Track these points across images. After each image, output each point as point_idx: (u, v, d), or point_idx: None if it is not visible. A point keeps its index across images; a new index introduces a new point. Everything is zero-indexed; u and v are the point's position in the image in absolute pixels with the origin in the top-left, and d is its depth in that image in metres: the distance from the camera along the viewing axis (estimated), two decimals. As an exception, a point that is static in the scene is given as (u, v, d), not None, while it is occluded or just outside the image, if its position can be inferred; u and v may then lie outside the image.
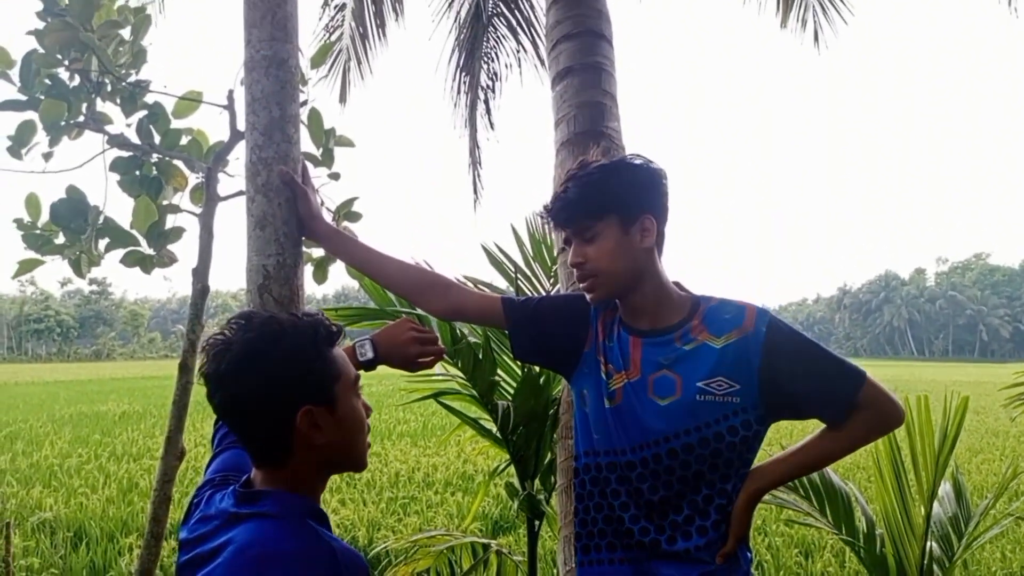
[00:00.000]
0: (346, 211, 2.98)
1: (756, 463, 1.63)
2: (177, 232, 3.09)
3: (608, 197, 1.56)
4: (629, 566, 1.59)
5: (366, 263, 1.88)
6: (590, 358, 1.69)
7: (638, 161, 1.61)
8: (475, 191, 7.19)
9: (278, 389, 1.14)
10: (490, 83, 7.14)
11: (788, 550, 6.12)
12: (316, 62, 3.39)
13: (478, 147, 7.16)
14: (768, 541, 6.34)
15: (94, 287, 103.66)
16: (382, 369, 1.71)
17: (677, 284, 1.68)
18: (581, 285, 1.63)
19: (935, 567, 2.70)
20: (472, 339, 3.18)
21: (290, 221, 1.68)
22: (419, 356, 1.66)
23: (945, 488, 3.00)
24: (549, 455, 3.24)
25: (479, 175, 7.20)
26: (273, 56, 1.69)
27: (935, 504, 2.92)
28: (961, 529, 2.83)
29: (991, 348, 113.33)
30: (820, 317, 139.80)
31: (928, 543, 2.70)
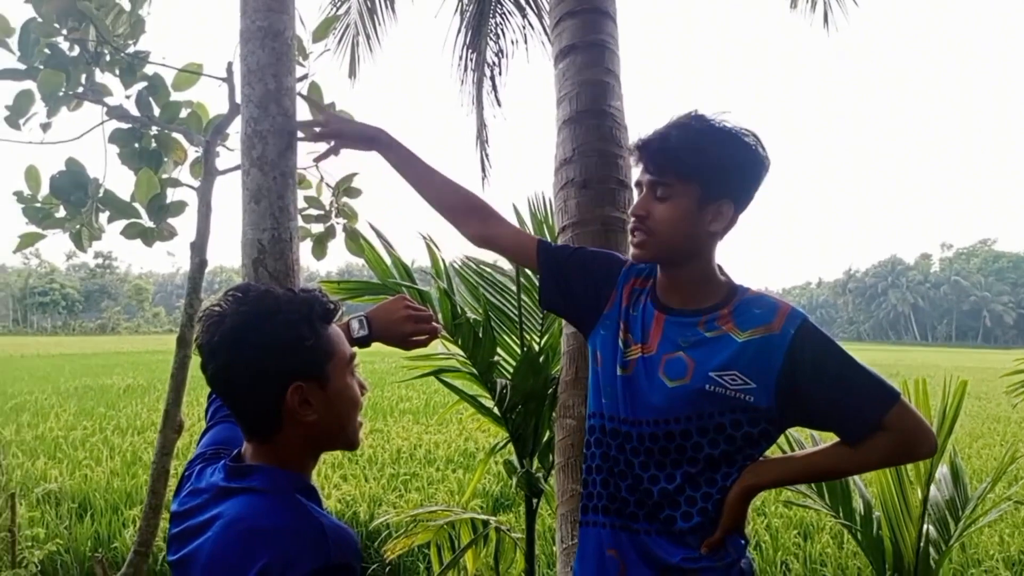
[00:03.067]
0: (346, 186, 2.96)
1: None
2: (179, 206, 3.08)
3: (703, 163, 1.46)
4: (623, 532, 1.57)
5: (413, 170, 1.86)
6: (609, 320, 1.65)
7: (748, 139, 1.49)
8: (483, 169, 7.16)
9: (269, 363, 1.13)
10: (496, 60, 7.09)
11: (787, 531, 6.15)
12: (318, 35, 3.35)
13: (485, 125, 7.11)
14: (767, 522, 6.37)
15: (99, 261, 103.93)
16: (384, 347, 1.70)
17: (719, 268, 1.62)
18: (633, 237, 1.55)
19: (931, 550, 2.70)
20: (472, 316, 3.17)
21: (285, 195, 1.66)
22: (414, 334, 1.64)
23: (943, 472, 3.00)
24: (548, 433, 3.24)
25: (487, 153, 7.16)
26: (269, 27, 1.67)
27: (933, 488, 2.92)
28: (958, 513, 2.84)
29: (994, 334, 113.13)
30: (823, 301, 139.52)
31: (925, 526, 2.71)
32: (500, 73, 7.04)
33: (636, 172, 1.57)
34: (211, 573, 1.08)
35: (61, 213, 3.08)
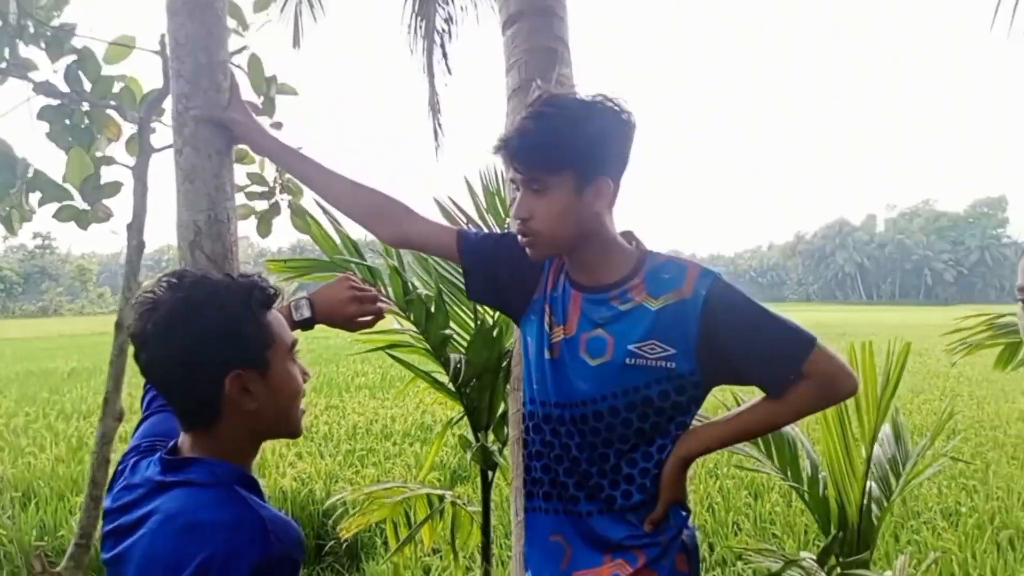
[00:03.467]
0: (289, 162, 2.90)
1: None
2: (114, 186, 2.97)
3: (570, 150, 1.42)
4: (565, 516, 1.56)
5: (312, 180, 1.77)
6: (537, 305, 1.63)
7: (609, 105, 1.44)
8: (435, 138, 7.05)
9: (206, 352, 1.10)
10: (446, 27, 6.95)
11: (738, 492, 6.32)
12: (259, 6, 3.25)
13: (436, 93, 6.98)
14: (720, 484, 6.53)
15: (37, 241, 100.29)
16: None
17: (628, 234, 1.60)
18: (522, 240, 1.53)
19: (873, 506, 2.79)
20: (424, 292, 3.14)
21: (221, 174, 1.60)
22: (358, 315, 1.61)
23: (885, 430, 3.09)
24: (502, 406, 3.24)
25: (439, 121, 7.04)
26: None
27: (877, 446, 3.01)
28: (899, 469, 2.93)
29: (935, 292, 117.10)
30: (773, 264, 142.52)
31: (868, 484, 2.79)
32: (450, 39, 6.92)
33: (507, 170, 1.53)
34: (147, 572, 1.05)
35: (-12, 195, 2.94)
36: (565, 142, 1.41)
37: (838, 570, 2.68)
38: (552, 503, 1.58)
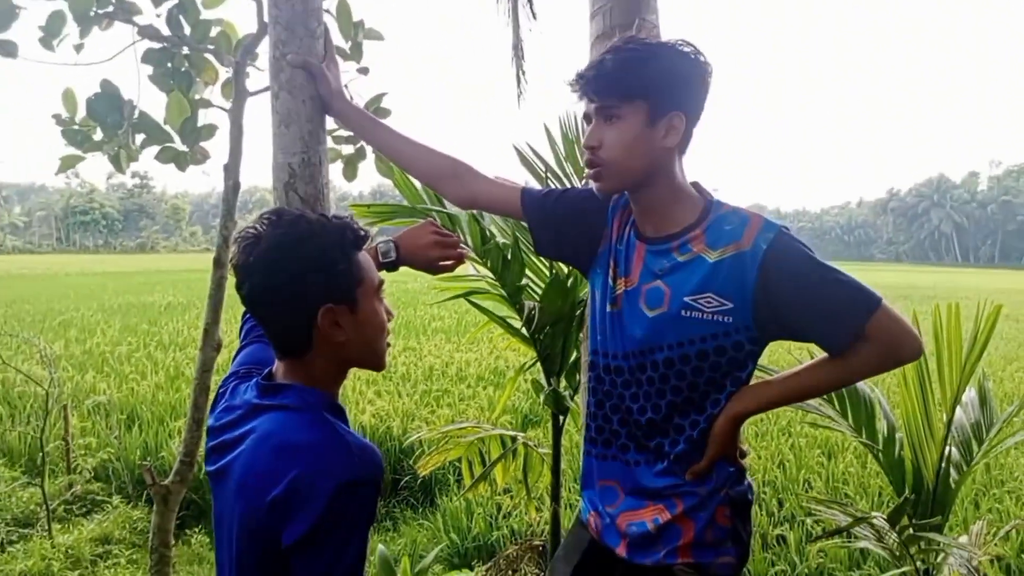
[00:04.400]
0: (375, 106, 2.95)
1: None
2: (210, 129, 3.10)
3: (644, 80, 1.43)
4: (617, 464, 1.61)
5: (388, 146, 1.84)
6: (603, 258, 1.65)
7: (686, 49, 1.46)
8: (519, 85, 7.00)
9: (302, 286, 1.17)
10: (532, -29, 6.84)
11: (811, 450, 6.24)
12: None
13: (521, 40, 6.92)
14: (792, 442, 6.46)
15: (136, 181, 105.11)
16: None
17: (695, 185, 1.58)
18: (588, 171, 1.53)
19: (952, 471, 2.74)
20: (501, 240, 3.19)
21: (315, 119, 1.67)
22: (440, 259, 1.67)
23: (970, 395, 3.00)
24: (575, 354, 3.30)
25: (523, 69, 6.99)
26: (294, -54, 1.64)
27: (959, 411, 2.93)
28: (982, 436, 2.85)
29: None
30: (862, 221, 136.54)
31: (947, 448, 2.73)
32: (536, -16, 6.81)
33: (581, 105, 1.53)
34: (245, 485, 1.15)
35: (99, 135, 3.12)
36: (638, 70, 1.43)
37: (910, 531, 2.65)
38: (610, 449, 1.62)
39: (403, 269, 1.68)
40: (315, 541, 1.07)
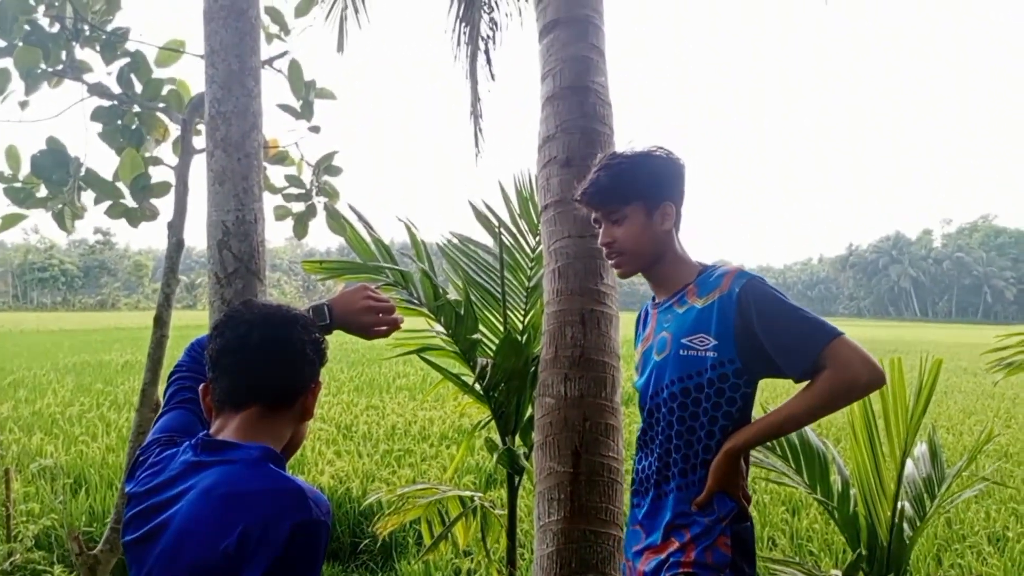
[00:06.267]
0: (326, 164, 2.96)
1: None
2: (163, 186, 3.08)
3: (636, 185, 1.79)
4: (644, 504, 1.83)
5: None
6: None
7: (661, 154, 1.83)
8: (476, 144, 7.10)
9: (316, 356, 1.34)
10: (490, 33, 6.99)
11: (775, 507, 6.20)
12: (301, 11, 3.33)
13: (479, 99, 7.04)
14: (756, 498, 6.42)
15: (98, 237, 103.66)
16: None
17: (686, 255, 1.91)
18: (611, 262, 1.88)
19: (905, 526, 2.73)
20: (454, 296, 3.18)
21: (249, 176, 1.66)
22: (374, 325, 1.64)
23: (921, 449, 3.02)
24: (529, 411, 3.26)
25: (480, 128, 7.09)
26: (232, 6, 1.66)
27: (911, 465, 2.94)
28: (934, 490, 2.86)
29: (995, 310, 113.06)
30: (824, 277, 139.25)
31: (900, 503, 2.73)
32: (494, 46, 6.96)
33: (591, 215, 1.88)
34: (187, 540, 1.12)
35: (43, 192, 3.07)
36: (630, 180, 1.80)
37: (866, 589, 2.63)
38: (634, 497, 1.88)
39: None
40: None
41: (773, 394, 11.95)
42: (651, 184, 1.80)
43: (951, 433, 10.01)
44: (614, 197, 1.80)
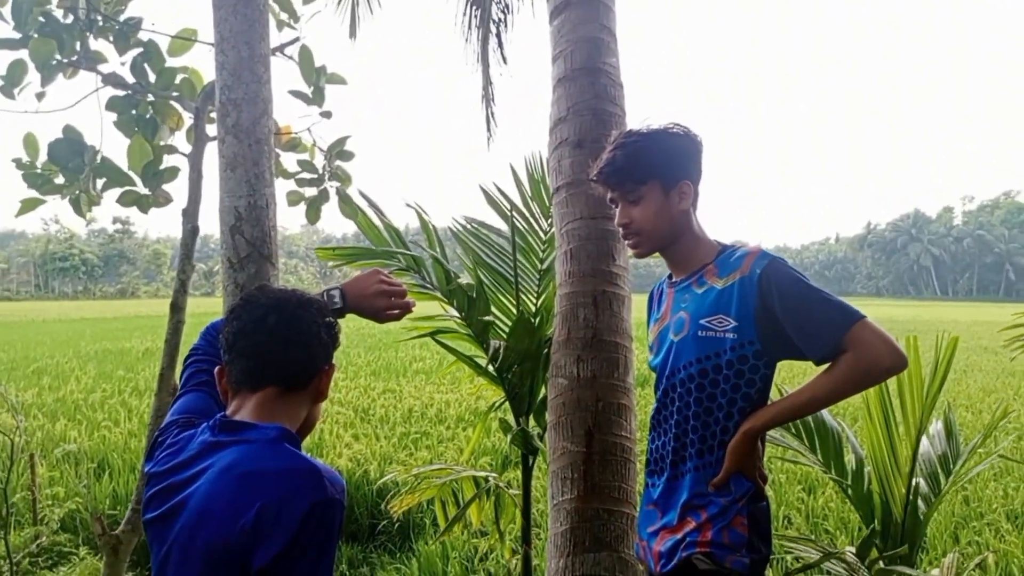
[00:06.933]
0: (338, 150, 2.97)
1: None
2: (172, 172, 3.11)
3: (652, 163, 1.74)
4: (659, 485, 1.81)
5: None
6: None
7: (678, 131, 1.78)
8: (488, 128, 7.08)
9: (330, 339, 1.37)
10: (502, 16, 6.95)
11: (791, 486, 6.21)
12: (310, -3, 3.33)
13: (491, 83, 7.01)
14: (772, 478, 6.43)
15: (117, 226, 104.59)
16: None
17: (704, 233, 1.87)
18: (627, 242, 1.85)
19: (920, 502, 2.73)
20: (466, 280, 3.19)
21: (261, 162, 1.68)
22: (387, 308, 1.67)
23: (937, 427, 3.01)
24: (543, 392, 3.28)
25: (492, 111, 7.07)
26: (240, -7, 1.67)
27: (926, 443, 2.93)
28: (949, 467, 2.85)
29: (1017, 288, 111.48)
30: (842, 256, 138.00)
31: (914, 480, 2.73)
32: (506, 29, 6.92)
33: (606, 195, 1.85)
34: (205, 517, 1.15)
35: (60, 179, 3.12)
36: (646, 158, 1.75)
37: (880, 564, 2.63)
38: (650, 477, 1.86)
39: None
40: (289, 559, 1.10)
41: (790, 374, 11.92)
42: (668, 162, 1.75)
43: (970, 412, 9.95)
44: (631, 176, 1.76)
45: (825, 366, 1.65)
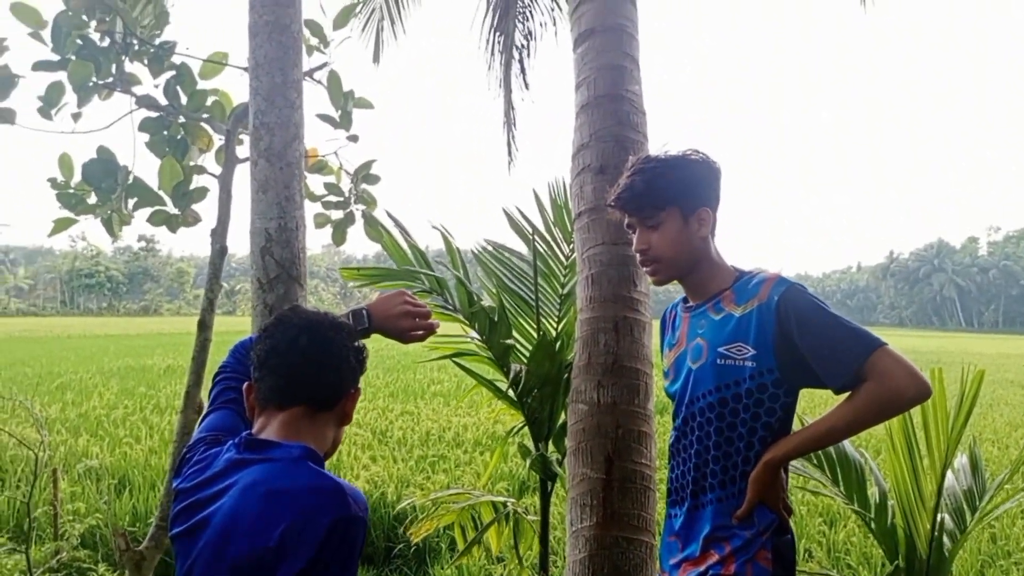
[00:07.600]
0: (364, 173, 3.02)
1: None
2: (201, 192, 3.17)
3: (671, 190, 1.72)
4: (680, 515, 1.78)
5: None
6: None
7: (697, 157, 1.77)
8: (509, 152, 7.14)
9: (358, 364, 1.39)
10: (525, 42, 7.04)
11: (812, 519, 6.11)
12: (339, 23, 3.40)
13: (513, 108, 7.09)
14: (793, 510, 6.32)
15: (142, 244, 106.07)
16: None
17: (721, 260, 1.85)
18: (645, 269, 1.82)
19: (945, 539, 2.68)
20: (488, 302, 3.21)
21: (291, 185, 1.71)
22: (411, 329, 1.69)
23: (962, 461, 2.97)
24: (562, 417, 3.27)
25: (514, 136, 7.14)
26: (275, 21, 1.71)
27: (951, 477, 2.89)
28: (975, 502, 2.80)
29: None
30: (864, 285, 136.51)
31: (939, 516, 2.68)
32: (528, 55, 7.00)
33: (624, 220, 1.83)
34: (229, 534, 1.17)
35: (93, 199, 3.18)
36: (665, 185, 1.73)
37: (903, 603, 2.59)
38: (672, 508, 1.83)
39: None
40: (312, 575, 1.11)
41: (811, 404, 11.78)
42: (687, 189, 1.73)
43: (996, 446, 9.75)
44: (649, 202, 1.73)
45: (845, 395, 1.62)
